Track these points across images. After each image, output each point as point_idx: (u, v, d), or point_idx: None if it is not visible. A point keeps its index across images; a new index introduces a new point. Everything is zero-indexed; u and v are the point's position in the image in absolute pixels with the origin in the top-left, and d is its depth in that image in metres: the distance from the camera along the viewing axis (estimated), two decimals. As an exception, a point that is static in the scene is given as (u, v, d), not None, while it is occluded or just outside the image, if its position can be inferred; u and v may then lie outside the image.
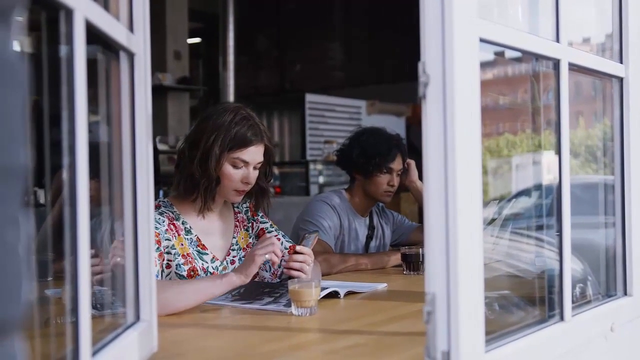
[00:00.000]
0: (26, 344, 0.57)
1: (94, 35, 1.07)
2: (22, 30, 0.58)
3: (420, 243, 2.87)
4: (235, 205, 2.30)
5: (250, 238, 2.29)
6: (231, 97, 7.62)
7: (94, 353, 1.04)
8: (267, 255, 1.90)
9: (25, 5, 0.57)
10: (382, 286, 2.27)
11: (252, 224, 2.32)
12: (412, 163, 3.00)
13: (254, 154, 2.11)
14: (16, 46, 0.54)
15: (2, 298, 0.51)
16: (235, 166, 2.10)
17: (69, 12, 0.95)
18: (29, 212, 0.55)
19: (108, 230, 1.40)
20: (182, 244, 2.09)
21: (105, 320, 1.35)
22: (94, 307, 1.03)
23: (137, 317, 1.32)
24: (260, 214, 2.34)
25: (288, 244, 2.31)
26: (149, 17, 1.35)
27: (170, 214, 2.12)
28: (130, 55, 1.29)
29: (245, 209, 2.32)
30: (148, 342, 1.33)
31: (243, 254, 2.24)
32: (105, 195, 1.31)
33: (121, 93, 1.29)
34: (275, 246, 1.93)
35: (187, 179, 2.11)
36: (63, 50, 0.97)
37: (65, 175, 0.97)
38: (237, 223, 2.28)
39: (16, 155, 0.52)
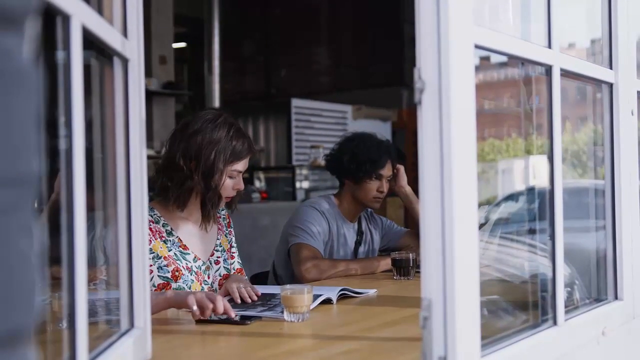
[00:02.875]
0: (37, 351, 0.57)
1: (88, 41, 1.06)
2: (34, 38, 0.57)
3: (409, 248, 2.88)
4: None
5: (228, 243, 2.38)
6: (217, 102, 7.61)
7: (90, 361, 1.03)
8: (194, 308, 1.73)
9: (38, 13, 0.57)
10: (372, 292, 2.27)
11: (226, 234, 2.40)
12: (401, 168, 3.01)
13: (246, 163, 2.24)
14: (28, 54, 0.53)
15: (17, 307, 0.51)
16: (231, 177, 2.20)
17: (66, 18, 0.95)
18: (40, 220, 0.54)
19: (99, 236, 1.39)
20: (161, 247, 2.14)
21: (98, 328, 1.34)
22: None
23: (132, 324, 1.31)
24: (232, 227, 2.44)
25: (238, 265, 2.40)
26: (142, 22, 1.34)
27: (150, 217, 2.14)
28: (125, 61, 1.29)
29: (223, 217, 2.40)
30: (142, 350, 1.33)
31: (226, 255, 2.34)
32: (97, 201, 1.30)
33: (115, 98, 1.29)
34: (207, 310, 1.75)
35: (186, 192, 2.15)
36: (59, 55, 0.97)
37: (61, 180, 0.97)
38: (220, 226, 2.37)
39: (29, 164, 0.52)
